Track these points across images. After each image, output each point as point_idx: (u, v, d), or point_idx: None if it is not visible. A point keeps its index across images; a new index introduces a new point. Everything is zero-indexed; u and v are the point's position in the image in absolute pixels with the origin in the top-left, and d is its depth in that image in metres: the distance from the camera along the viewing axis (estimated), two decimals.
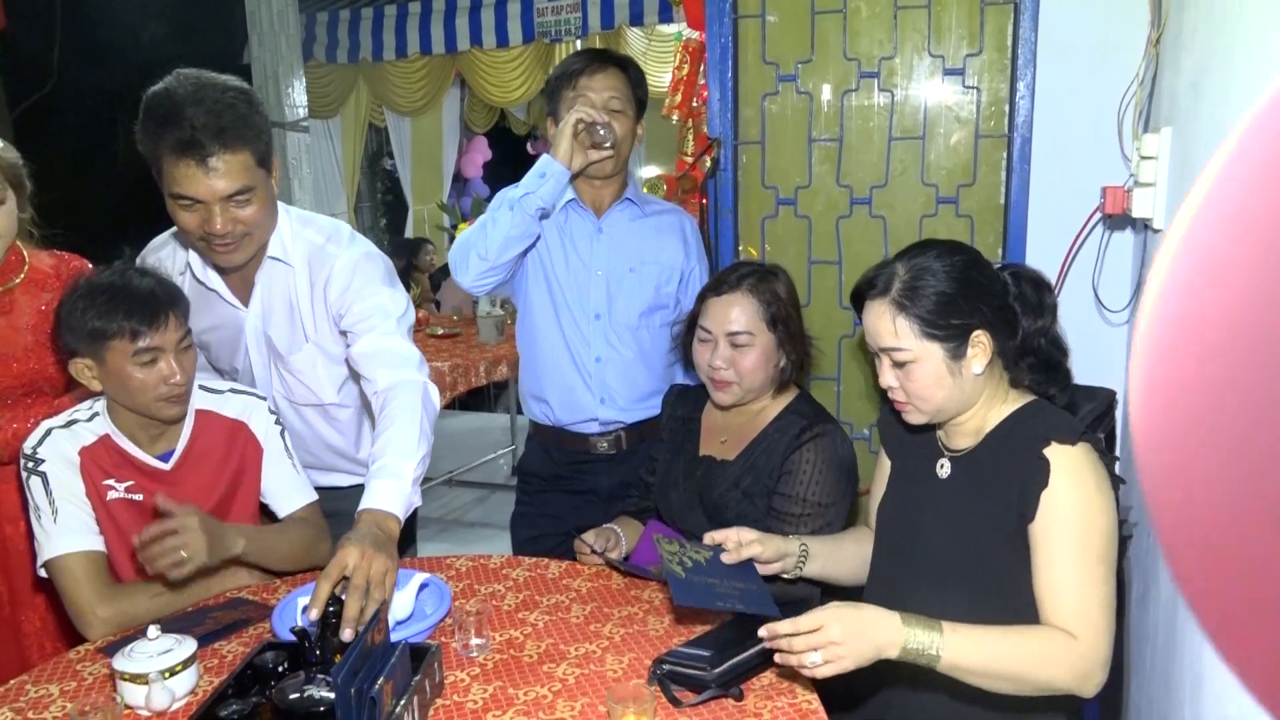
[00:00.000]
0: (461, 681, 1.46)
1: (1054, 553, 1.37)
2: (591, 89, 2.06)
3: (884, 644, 1.30)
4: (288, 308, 1.92)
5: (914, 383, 1.48)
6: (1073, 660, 1.32)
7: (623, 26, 6.41)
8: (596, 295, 2.15)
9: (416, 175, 8.24)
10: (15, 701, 1.45)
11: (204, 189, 1.67)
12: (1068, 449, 1.39)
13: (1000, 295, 1.48)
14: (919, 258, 1.48)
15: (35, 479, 1.67)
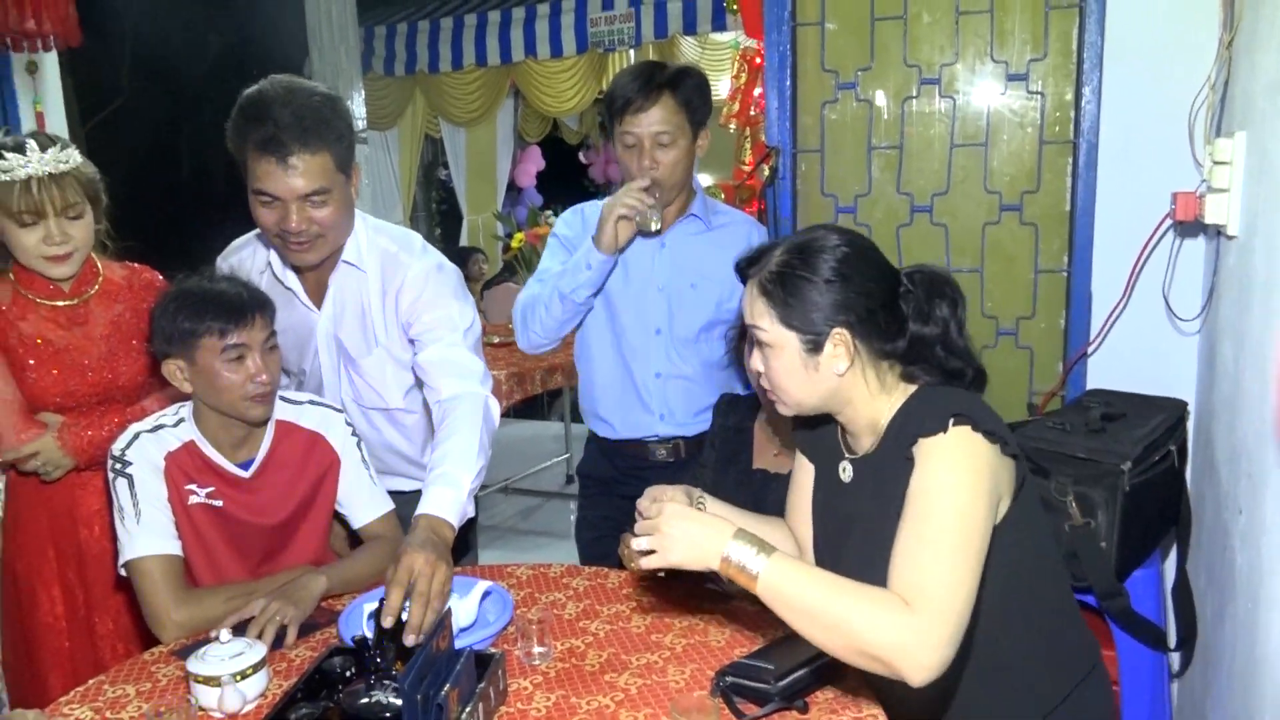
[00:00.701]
0: (524, 689, 1.47)
1: (901, 532, 1.29)
2: (636, 127, 2.02)
3: (708, 550, 1.30)
4: (359, 312, 1.96)
5: (771, 371, 1.42)
6: (899, 628, 1.20)
7: (676, 35, 6.42)
8: (657, 311, 2.15)
9: (471, 185, 8.33)
10: (94, 701, 1.49)
11: (283, 186, 1.73)
12: (934, 440, 1.30)
13: (880, 296, 1.38)
14: (801, 241, 1.40)
15: (121, 480, 1.72)
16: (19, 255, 1.90)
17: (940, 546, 1.25)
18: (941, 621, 1.21)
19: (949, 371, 1.41)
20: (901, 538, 1.29)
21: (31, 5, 3.26)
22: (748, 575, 1.28)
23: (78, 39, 3.51)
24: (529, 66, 7.00)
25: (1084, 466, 1.90)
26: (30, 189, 1.84)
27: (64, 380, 1.94)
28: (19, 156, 1.83)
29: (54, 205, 1.86)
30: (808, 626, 1.26)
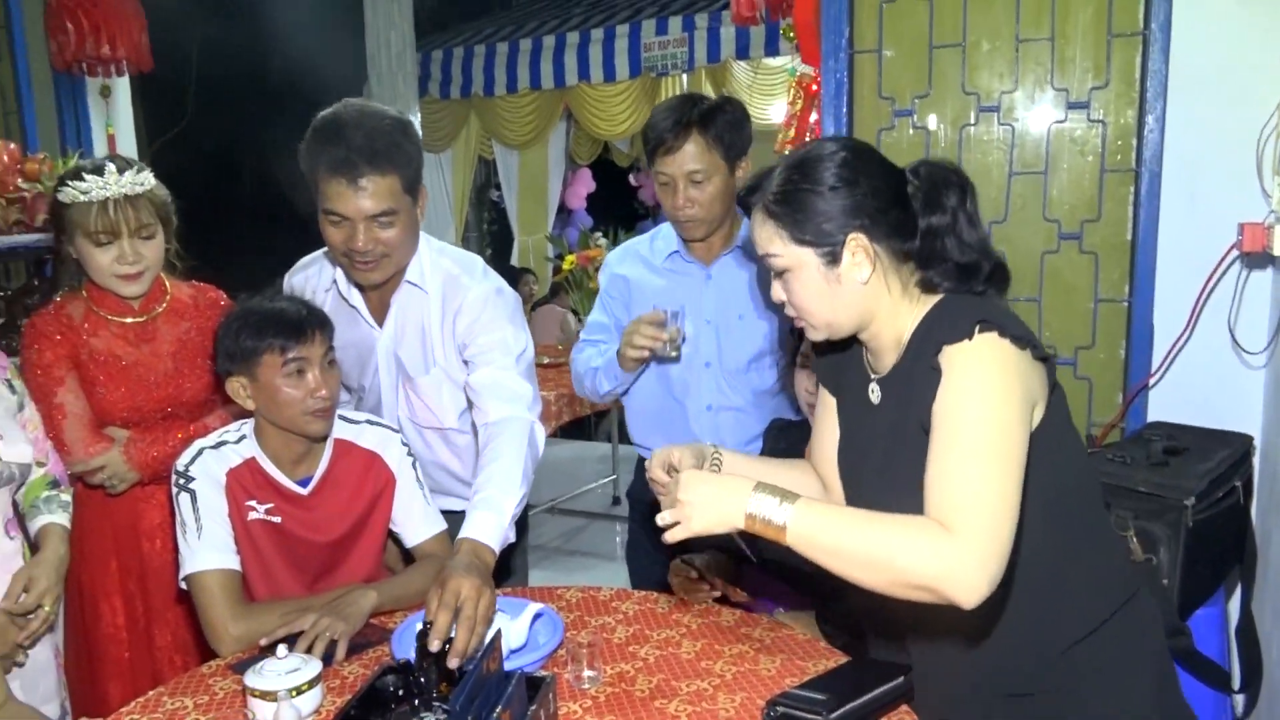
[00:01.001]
0: (574, 713, 1.46)
1: (933, 451, 1.23)
2: (669, 167, 2.03)
3: (730, 511, 1.28)
4: (419, 332, 1.99)
5: (795, 294, 1.37)
6: (938, 548, 1.16)
7: (729, 60, 6.46)
8: (706, 344, 2.15)
9: (523, 206, 8.42)
10: (153, 712, 1.52)
11: (352, 207, 1.77)
12: (960, 347, 1.24)
13: (888, 194, 1.32)
14: (798, 157, 1.36)
15: (184, 495, 1.76)
16: (93, 273, 1.96)
17: (976, 460, 1.20)
18: (986, 539, 1.16)
19: (965, 267, 1.33)
20: (934, 457, 1.23)
21: (107, 32, 3.39)
22: (775, 528, 1.25)
23: (149, 64, 3.64)
24: (582, 90, 7.08)
25: (1146, 501, 1.86)
26: (107, 210, 1.90)
27: (131, 395, 1.99)
28: (98, 178, 1.90)
29: (128, 226, 1.92)
30: (845, 567, 1.23)
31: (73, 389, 1.97)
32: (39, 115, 3.65)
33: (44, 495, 1.83)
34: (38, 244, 2.75)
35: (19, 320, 2.75)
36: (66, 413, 1.95)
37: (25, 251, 2.79)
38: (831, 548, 1.23)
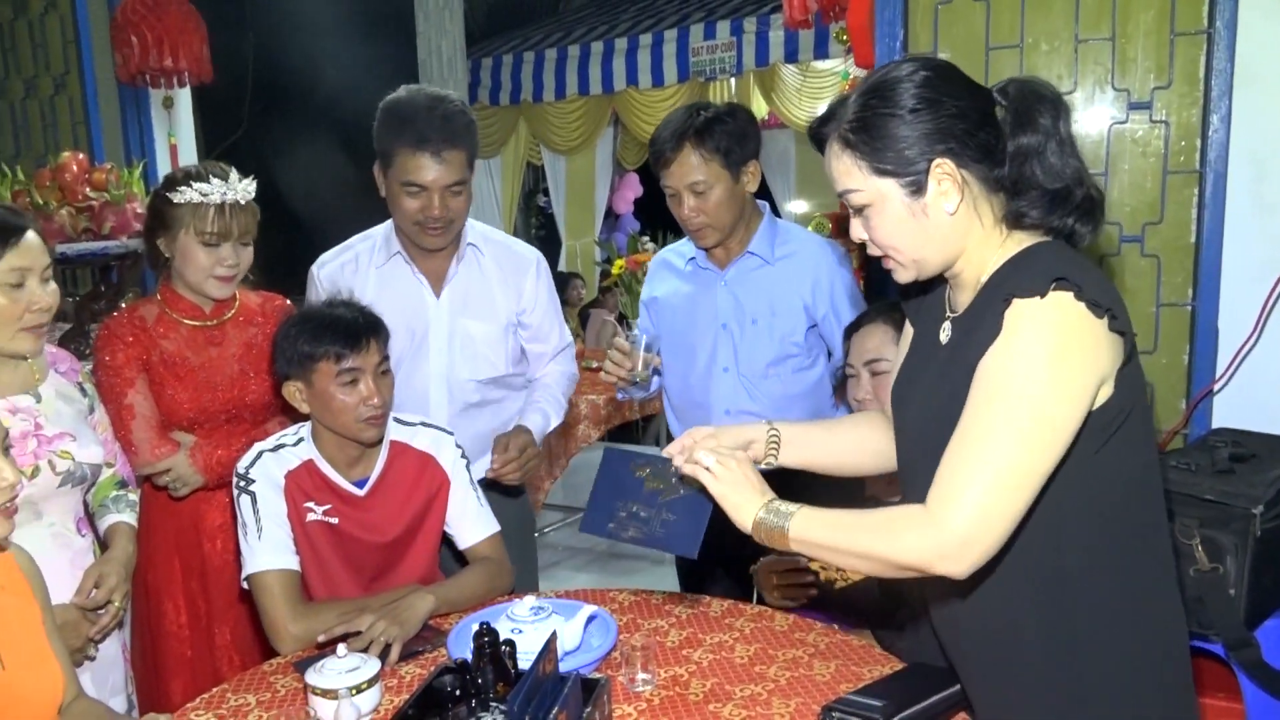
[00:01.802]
0: (628, 716, 1.47)
1: (964, 412, 1.18)
2: (670, 180, 2.08)
3: (744, 510, 1.34)
4: (481, 288, 2.21)
5: (877, 231, 1.26)
6: (919, 546, 1.18)
7: (777, 64, 6.45)
8: (723, 349, 2.17)
9: (570, 211, 8.47)
10: (218, 708, 1.56)
11: (431, 177, 2.00)
12: (1029, 304, 1.14)
13: (974, 114, 1.21)
14: (874, 81, 1.25)
15: (245, 497, 1.80)
16: (188, 273, 2.02)
17: (992, 440, 1.14)
18: (969, 516, 1.15)
19: (1054, 194, 1.21)
20: (961, 420, 1.18)
21: (170, 45, 3.48)
22: (779, 532, 1.30)
23: (210, 75, 3.72)
24: (630, 95, 7.10)
25: (1211, 509, 1.81)
26: (223, 213, 1.97)
27: (197, 397, 2.04)
28: (220, 182, 1.97)
29: (238, 229, 2.00)
30: (844, 561, 1.31)
31: (142, 391, 2.02)
32: (105, 127, 3.75)
33: (112, 495, 1.89)
34: (104, 251, 2.83)
35: (86, 325, 2.83)
36: (135, 414, 2.00)
37: (92, 258, 2.87)
38: (829, 548, 1.28)
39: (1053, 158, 1.20)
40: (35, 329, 1.69)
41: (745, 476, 1.37)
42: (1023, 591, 1.26)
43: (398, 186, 2.03)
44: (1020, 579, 1.25)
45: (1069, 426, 1.15)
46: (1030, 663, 1.28)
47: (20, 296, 1.66)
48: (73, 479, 1.76)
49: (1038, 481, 1.16)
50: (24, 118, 3.96)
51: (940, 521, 1.17)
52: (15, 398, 1.72)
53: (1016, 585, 1.26)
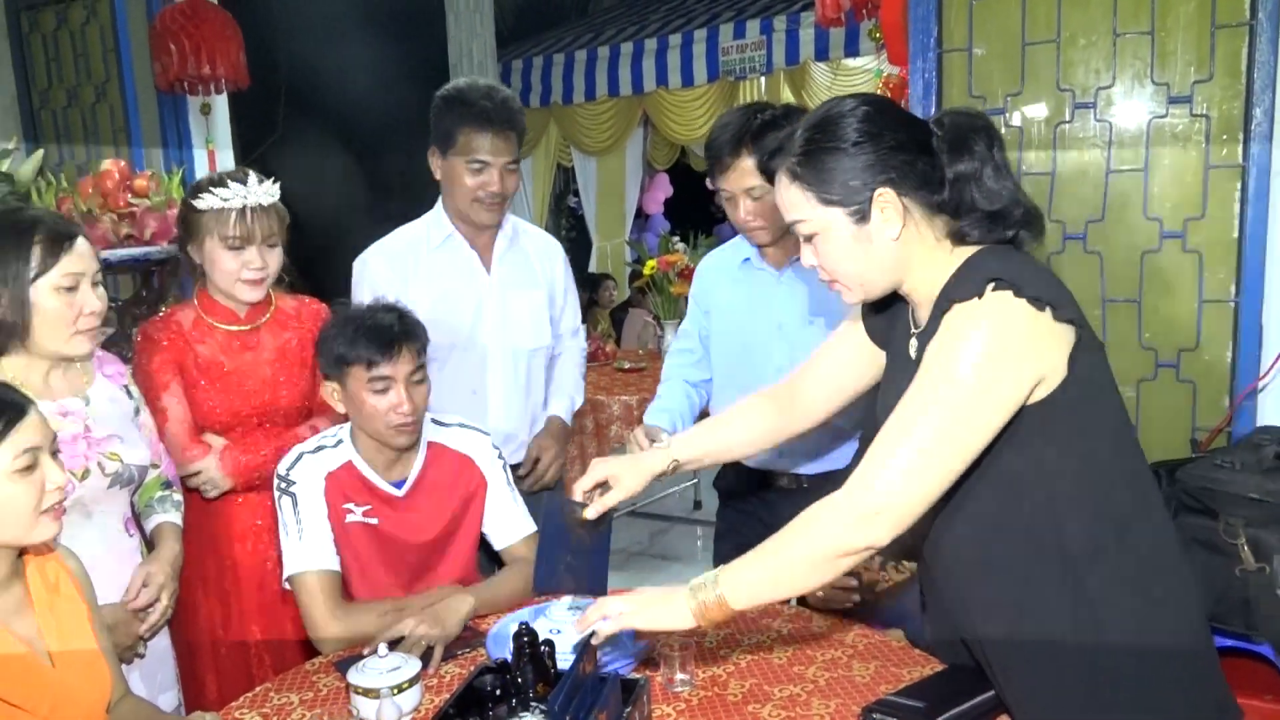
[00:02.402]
0: (667, 716, 1.47)
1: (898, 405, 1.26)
2: (728, 185, 2.06)
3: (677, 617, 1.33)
4: (524, 262, 2.40)
5: (825, 257, 1.35)
6: (835, 508, 1.26)
7: (808, 62, 6.41)
8: (779, 351, 2.13)
9: (601, 212, 8.47)
10: (261, 707, 1.58)
11: (493, 153, 2.20)
12: (964, 306, 1.23)
13: (912, 145, 1.30)
14: (817, 117, 1.33)
15: (286, 498, 1.82)
16: (218, 277, 2.04)
17: (915, 423, 1.23)
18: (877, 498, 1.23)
19: (994, 215, 1.30)
20: (893, 410, 1.26)
21: (207, 52, 3.52)
22: (718, 601, 1.31)
23: (246, 81, 3.77)
24: (660, 96, 7.10)
25: (1258, 508, 1.78)
26: (244, 217, 1.99)
27: (230, 401, 2.07)
28: (240, 186, 1.99)
29: (261, 232, 2.01)
30: (790, 583, 1.32)
31: (176, 394, 2.05)
32: (144, 134, 3.81)
33: (158, 495, 1.92)
34: (146, 256, 2.87)
35: (129, 329, 2.87)
36: (169, 417, 2.03)
37: (134, 264, 2.91)
38: (769, 584, 1.31)
39: (989, 181, 1.30)
40: (88, 332, 1.73)
41: (648, 595, 1.39)
42: (1039, 578, 1.30)
43: (461, 165, 2.22)
44: (1033, 567, 1.30)
45: (994, 414, 1.22)
46: (1059, 647, 1.30)
47: (74, 301, 1.69)
48: (121, 480, 1.79)
49: (957, 463, 1.23)
50: (66, 126, 4.03)
51: (855, 496, 1.25)
52: (65, 400, 1.75)
53: (1031, 571, 1.30)
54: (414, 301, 2.21)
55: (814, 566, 1.28)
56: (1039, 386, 1.24)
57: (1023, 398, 1.23)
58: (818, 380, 1.63)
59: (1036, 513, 1.29)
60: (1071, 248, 2.26)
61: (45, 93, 4.08)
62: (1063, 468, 1.28)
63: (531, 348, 2.40)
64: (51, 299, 1.66)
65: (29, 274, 1.64)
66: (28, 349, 1.69)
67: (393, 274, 2.28)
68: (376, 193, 8.57)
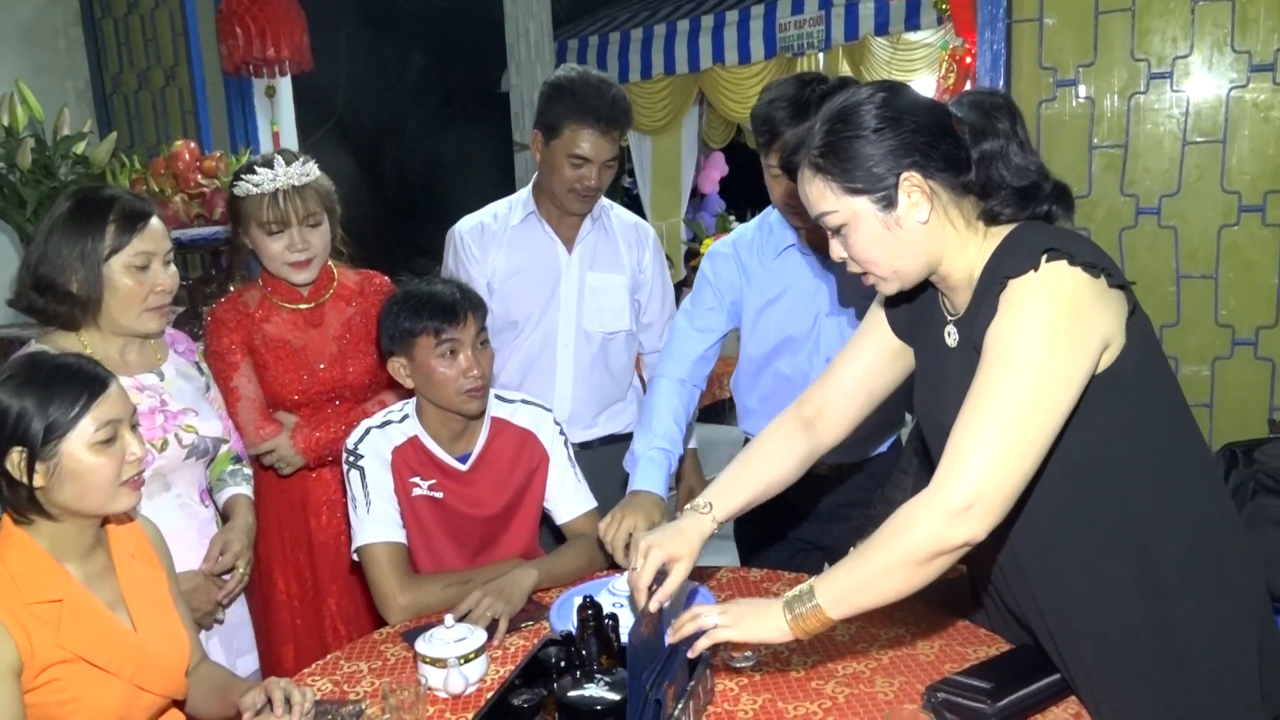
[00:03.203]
0: (730, 691, 1.48)
1: (971, 387, 1.22)
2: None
3: (773, 628, 1.30)
4: (610, 247, 2.40)
5: (855, 248, 1.33)
6: (927, 507, 1.21)
7: (867, 37, 6.30)
8: (828, 338, 2.05)
9: (656, 192, 8.45)
10: (332, 674, 1.62)
11: (596, 151, 2.20)
12: (1024, 280, 1.20)
13: (933, 128, 1.27)
14: (834, 109, 1.31)
15: (354, 472, 1.86)
16: (267, 262, 2.09)
17: (995, 407, 1.19)
18: (977, 484, 1.18)
19: (1024, 191, 1.28)
20: (965, 399, 1.22)
21: (272, 35, 3.58)
22: (815, 611, 1.28)
23: (309, 64, 3.83)
24: (716, 73, 7.04)
25: None
26: (278, 201, 2.02)
27: (299, 378, 2.11)
28: (268, 171, 2.02)
29: (297, 214, 2.04)
30: (889, 593, 1.27)
31: (246, 374, 2.09)
32: (212, 116, 3.89)
33: (229, 469, 1.97)
34: (215, 236, 2.93)
35: (199, 308, 2.94)
36: (240, 396, 2.08)
37: (204, 243, 2.98)
38: (864, 583, 1.27)
39: (1016, 158, 1.28)
40: (158, 309, 1.77)
41: (742, 608, 1.36)
42: (1104, 550, 1.28)
43: (562, 157, 2.22)
44: (1098, 540, 1.28)
45: (1069, 387, 1.19)
46: (1126, 620, 1.29)
47: (145, 279, 1.74)
48: (197, 451, 1.85)
49: (1042, 441, 1.20)
50: (137, 109, 4.13)
51: (946, 492, 1.20)
52: (141, 376, 1.81)
53: (1096, 545, 1.29)
54: (492, 272, 2.28)
55: (911, 570, 1.24)
56: (1103, 355, 1.22)
57: (1093, 368, 1.21)
58: (842, 390, 1.59)
59: (1099, 486, 1.27)
60: (1145, 222, 2.21)
61: (117, 77, 4.19)
62: (1124, 439, 1.26)
63: (606, 331, 2.38)
64: (124, 276, 1.71)
65: (103, 251, 1.69)
66: (100, 325, 1.75)
67: (474, 245, 2.33)
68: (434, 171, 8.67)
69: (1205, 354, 2.16)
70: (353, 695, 1.54)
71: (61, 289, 1.69)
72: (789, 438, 1.59)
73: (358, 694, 1.54)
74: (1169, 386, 1.33)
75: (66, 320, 1.73)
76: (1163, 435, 1.29)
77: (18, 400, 1.32)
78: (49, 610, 1.34)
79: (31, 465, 1.32)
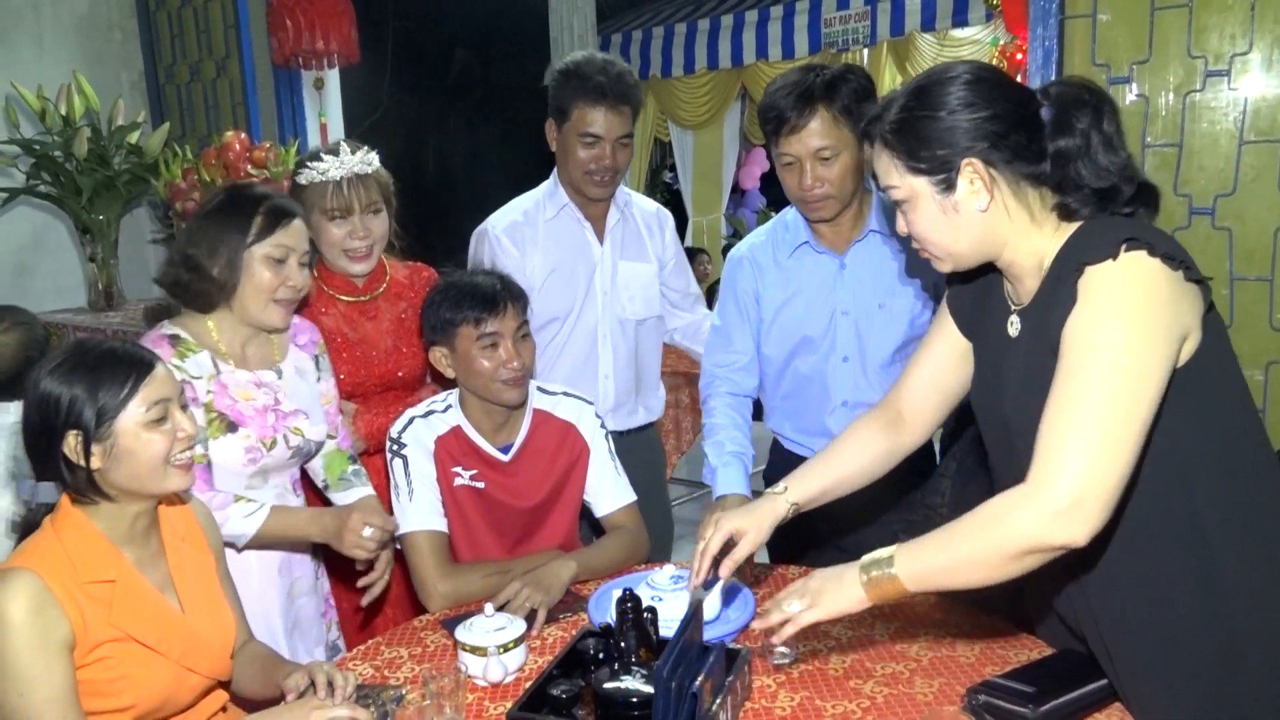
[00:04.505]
0: (768, 688, 1.48)
1: (1055, 383, 1.19)
2: (793, 146, 1.88)
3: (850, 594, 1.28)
4: (636, 235, 2.44)
5: (914, 225, 1.33)
6: (1027, 504, 1.16)
7: (913, 33, 6.24)
8: (844, 337, 2.01)
9: (697, 187, 8.43)
10: (374, 659, 1.64)
11: (605, 127, 2.22)
12: (1103, 268, 1.16)
13: (1010, 117, 1.25)
14: (920, 83, 1.30)
15: (398, 461, 1.88)
16: (326, 251, 2.11)
17: (1091, 404, 1.14)
18: (1078, 480, 1.13)
19: (1101, 192, 1.25)
20: (1053, 391, 1.18)
21: (321, 28, 3.63)
22: (892, 583, 1.25)
23: (358, 56, 3.87)
24: (759, 68, 7.01)
25: None
26: (341, 187, 2.05)
27: (354, 371, 2.13)
28: (334, 159, 2.05)
29: (360, 201, 2.07)
30: (966, 577, 1.23)
31: None
32: (261, 107, 3.95)
33: (350, 469, 1.99)
34: None
35: None
36: None
37: None
38: (947, 575, 1.24)
39: (1098, 157, 1.25)
40: (286, 304, 1.82)
41: (817, 582, 1.34)
42: (1166, 547, 1.26)
43: (574, 138, 2.24)
44: (1160, 537, 1.26)
45: (1158, 378, 1.16)
46: (1183, 620, 1.26)
47: (280, 272, 1.79)
48: (301, 454, 1.89)
49: (1138, 435, 1.16)
50: (189, 100, 4.21)
51: (1048, 489, 1.15)
52: (260, 372, 1.85)
53: (1158, 542, 1.26)
54: (530, 271, 2.28)
55: (999, 563, 1.20)
56: (1183, 349, 1.20)
57: (1175, 360, 1.19)
58: (916, 390, 1.57)
59: (1166, 484, 1.24)
60: (1199, 223, 2.16)
61: (170, 69, 4.27)
62: (1194, 436, 1.23)
63: (640, 318, 2.42)
64: (261, 266, 1.77)
65: (246, 240, 1.76)
66: (231, 310, 1.81)
67: (511, 244, 2.33)
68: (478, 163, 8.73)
69: (1259, 358, 2.11)
70: (393, 680, 1.56)
71: (205, 270, 1.77)
72: (868, 435, 1.61)
73: (398, 679, 1.56)
74: (1239, 386, 1.30)
75: (204, 302, 1.80)
76: (1232, 434, 1.27)
77: (68, 388, 1.36)
78: (102, 590, 1.38)
79: (88, 448, 1.35)
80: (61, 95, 3.55)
